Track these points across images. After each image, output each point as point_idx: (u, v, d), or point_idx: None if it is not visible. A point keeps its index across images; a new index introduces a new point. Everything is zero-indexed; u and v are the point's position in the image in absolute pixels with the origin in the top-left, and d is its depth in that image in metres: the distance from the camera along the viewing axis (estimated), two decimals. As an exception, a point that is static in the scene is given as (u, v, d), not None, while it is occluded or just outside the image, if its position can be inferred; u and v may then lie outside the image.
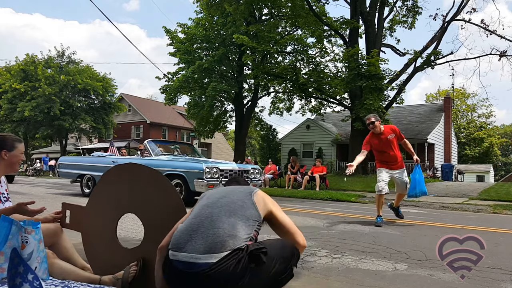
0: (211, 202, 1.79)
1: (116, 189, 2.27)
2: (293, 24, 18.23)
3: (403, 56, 16.60)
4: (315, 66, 16.69)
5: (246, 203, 1.76)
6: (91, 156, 10.39)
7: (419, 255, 3.53)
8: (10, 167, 2.21)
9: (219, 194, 1.85)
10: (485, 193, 10.66)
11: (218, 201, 1.78)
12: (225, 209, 1.71)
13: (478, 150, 42.20)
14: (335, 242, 4.13)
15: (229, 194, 1.84)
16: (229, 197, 1.81)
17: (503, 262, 3.33)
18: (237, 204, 1.75)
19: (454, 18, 14.82)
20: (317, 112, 19.27)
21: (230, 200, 1.78)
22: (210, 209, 1.73)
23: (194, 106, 21.12)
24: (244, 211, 1.72)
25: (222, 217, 1.66)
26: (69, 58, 29.87)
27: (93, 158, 10.04)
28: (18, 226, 1.77)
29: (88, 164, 9.52)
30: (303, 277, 2.82)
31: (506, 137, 49.30)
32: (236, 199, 1.79)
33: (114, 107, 30.59)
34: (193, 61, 19.35)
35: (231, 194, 1.84)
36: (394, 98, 15.46)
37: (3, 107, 27.04)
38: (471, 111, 44.69)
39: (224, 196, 1.83)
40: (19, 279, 1.62)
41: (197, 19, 20.58)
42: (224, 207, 1.73)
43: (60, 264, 2.07)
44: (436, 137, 22.39)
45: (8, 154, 2.16)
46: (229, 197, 1.81)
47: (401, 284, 2.70)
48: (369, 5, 15.79)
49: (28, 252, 1.75)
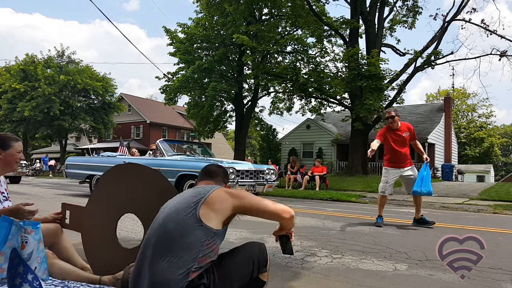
0: (149, 237, 1.62)
1: (116, 189, 2.27)
2: (293, 24, 18.22)
3: (403, 56, 16.60)
4: (315, 66, 16.68)
5: (186, 229, 1.53)
6: (100, 156, 10.12)
7: (419, 255, 3.53)
8: (7, 166, 2.17)
9: (160, 220, 1.63)
10: (485, 193, 10.66)
11: (155, 235, 1.58)
12: (159, 250, 1.53)
13: (478, 150, 42.20)
14: (335, 242, 4.13)
15: (171, 215, 1.60)
16: (167, 224, 1.57)
17: (503, 262, 3.33)
18: (174, 235, 1.53)
19: (454, 18, 14.81)
20: (317, 112, 19.28)
21: (167, 230, 1.56)
22: (146, 250, 1.58)
23: (194, 106, 21.11)
24: (183, 241, 1.51)
25: (155, 263, 1.52)
26: (69, 58, 29.88)
27: (103, 158, 9.78)
28: (18, 226, 1.77)
29: (98, 164, 9.22)
30: (303, 277, 2.82)
31: (506, 137, 49.31)
32: (174, 227, 1.55)
33: (114, 107, 30.60)
34: (193, 61, 19.35)
35: (173, 216, 1.59)
36: (394, 98, 15.45)
37: (3, 107, 27.05)
38: (471, 111, 44.68)
39: (161, 224, 1.60)
40: (19, 279, 1.62)
41: (197, 19, 20.57)
42: (158, 247, 1.54)
43: (60, 264, 2.07)
44: (436, 137, 22.39)
45: (3, 153, 2.13)
46: (167, 223, 1.57)
47: (401, 284, 2.70)
48: (369, 5, 15.79)
49: (28, 252, 1.75)
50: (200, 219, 1.54)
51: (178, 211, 1.58)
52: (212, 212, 1.57)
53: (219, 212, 1.59)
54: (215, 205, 1.58)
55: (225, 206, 1.61)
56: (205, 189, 1.67)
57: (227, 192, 1.66)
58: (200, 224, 1.53)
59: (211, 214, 1.57)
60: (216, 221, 1.58)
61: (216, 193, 1.63)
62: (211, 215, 1.57)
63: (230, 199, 1.63)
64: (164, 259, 1.49)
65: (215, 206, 1.58)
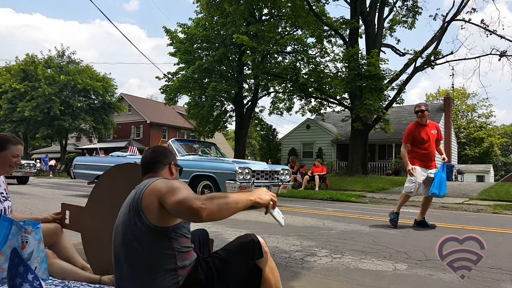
0: (116, 256, 1.55)
1: (116, 188, 2.27)
2: (293, 24, 18.23)
3: (403, 56, 16.60)
4: (315, 66, 16.68)
5: (146, 237, 1.43)
6: (109, 156, 9.92)
7: (419, 255, 3.53)
8: (1, 167, 2.10)
9: (118, 238, 1.53)
10: (485, 193, 10.67)
11: (120, 253, 1.51)
12: (132, 265, 1.46)
13: (478, 150, 42.21)
14: (335, 242, 4.13)
15: (126, 232, 1.48)
16: (126, 242, 1.47)
17: (503, 262, 3.33)
18: (141, 253, 1.44)
19: (454, 18, 14.81)
20: (317, 112, 19.28)
21: (130, 251, 1.47)
22: (121, 268, 1.52)
23: (194, 106, 21.12)
24: (146, 249, 1.43)
25: (136, 278, 1.46)
26: (69, 58, 29.89)
27: (112, 158, 9.49)
28: (18, 226, 1.78)
29: (108, 164, 8.84)
30: (303, 277, 2.82)
31: (506, 137, 49.30)
32: (129, 239, 1.45)
33: (114, 107, 30.61)
34: (193, 61, 19.35)
35: (127, 232, 1.48)
36: (394, 98, 15.45)
37: (3, 107, 27.05)
38: (471, 111, 44.70)
39: (120, 241, 1.51)
40: (19, 279, 1.62)
41: (197, 19, 20.58)
42: (129, 263, 1.47)
43: (60, 264, 2.07)
44: (436, 137, 22.37)
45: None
46: (126, 240, 1.47)
47: (401, 284, 2.70)
48: (369, 5, 15.79)
49: (28, 252, 1.75)
50: (149, 223, 1.43)
51: (128, 224, 1.47)
52: (152, 213, 1.43)
53: (154, 210, 1.43)
54: (149, 205, 1.44)
55: (153, 203, 1.43)
56: (137, 192, 1.51)
57: (152, 187, 1.47)
58: (153, 228, 1.42)
59: (153, 214, 1.43)
60: (162, 218, 1.44)
61: (145, 194, 1.46)
62: (154, 215, 1.43)
63: (154, 194, 1.45)
64: (143, 274, 1.43)
65: (150, 206, 1.43)
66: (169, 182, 1.48)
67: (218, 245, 2.16)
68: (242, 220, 5.71)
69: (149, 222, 1.43)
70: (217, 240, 3.90)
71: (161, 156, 1.74)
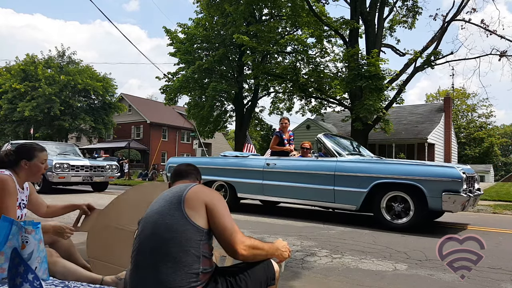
0: (141, 248, 1.53)
1: (133, 207, 2.34)
2: (293, 24, 18.22)
3: (403, 56, 16.59)
4: (315, 66, 16.67)
5: (177, 230, 1.47)
6: (220, 156, 7.82)
7: (419, 255, 3.53)
8: (32, 176, 2.17)
9: (149, 228, 1.54)
10: (485, 193, 10.67)
11: (148, 244, 1.51)
12: (157, 257, 1.46)
13: (478, 150, 42.22)
14: (335, 242, 4.13)
15: (158, 221, 1.52)
16: (157, 230, 1.50)
17: (503, 262, 3.33)
18: (167, 238, 1.47)
19: (454, 18, 14.80)
20: (317, 112, 19.26)
21: (160, 236, 1.48)
22: (143, 259, 1.51)
23: (194, 106, 21.12)
24: (178, 243, 1.45)
25: (158, 270, 1.45)
26: (69, 58, 29.89)
27: (228, 159, 7.33)
28: (18, 226, 1.78)
29: (223, 167, 7.09)
30: (303, 277, 2.82)
31: (506, 137, 49.32)
32: (165, 231, 1.48)
33: (114, 107, 30.61)
34: (193, 61, 19.36)
35: (160, 221, 1.51)
36: (394, 98, 15.45)
37: (3, 107, 27.04)
38: (471, 111, 44.69)
39: (152, 232, 1.52)
40: (19, 279, 1.62)
41: (197, 19, 20.59)
42: (155, 255, 1.47)
43: (63, 263, 2.08)
44: (436, 137, 22.40)
45: (28, 164, 2.13)
46: (158, 229, 1.50)
47: (401, 284, 2.70)
48: (369, 5, 15.79)
49: (28, 252, 1.75)
50: (188, 217, 1.49)
51: (164, 215, 1.51)
52: (193, 210, 1.51)
53: (197, 209, 1.52)
54: (193, 202, 1.53)
55: (199, 202, 1.53)
56: (181, 188, 1.60)
57: (201, 189, 1.59)
58: (189, 223, 1.48)
59: (194, 212, 1.51)
60: (200, 219, 1.51)
61: (192, 190, 1.57)
62: (195, 213, 1.51)
63: (202, 195, 1.56)
64: (166, 264, 1.44)
65: (194, 203, 1.52)
66: (216, 193, 1.61)
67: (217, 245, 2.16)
68: (242, 220, 5.71)
69: (188, 217, 1.48)
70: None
71: (196, 170, 1.89)
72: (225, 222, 1.51)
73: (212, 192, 1.59)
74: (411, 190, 4.97)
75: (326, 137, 6.16)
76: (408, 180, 4.94)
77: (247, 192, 6.62)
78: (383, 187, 5.16)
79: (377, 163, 5.50)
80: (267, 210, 7.21)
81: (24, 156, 2.13)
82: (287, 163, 6.26)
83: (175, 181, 1.81)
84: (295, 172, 6.05)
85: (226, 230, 1.50)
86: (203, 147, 20.59)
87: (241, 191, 6.64)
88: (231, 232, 1.50)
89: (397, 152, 21.77)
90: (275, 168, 6.24)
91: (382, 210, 5.15)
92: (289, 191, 6.06)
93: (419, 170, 5.01)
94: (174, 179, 1.84)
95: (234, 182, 6.72)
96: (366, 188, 5.23)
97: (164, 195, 1.63)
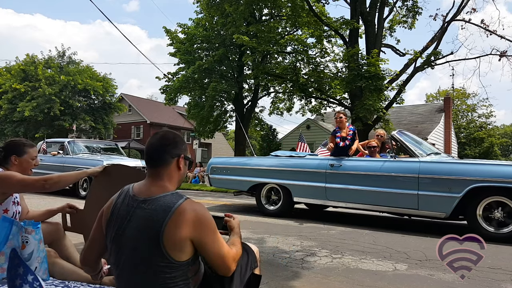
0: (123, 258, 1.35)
1: (109, 191, 2.30)
2: (293, 24, 18.22)
3: (403, 56, 16.59)
4: (315, 66, 16.67)
5: (164, 268, 1.29)
6: (272, 156, 7.14)
7: (419, 255, 3.53)
8: (21, 172, 2.16)
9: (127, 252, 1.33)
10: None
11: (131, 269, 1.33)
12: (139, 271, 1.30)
13: (478, 150, 42.20)
14: (335, 242, 4.13)
15: (136, 253, 1.32)
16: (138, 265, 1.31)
17: (503, 262, 3.33)
18: (156, 278, 1.29)
19: (454, 18, 14.80)
20: (317, 112, 19.26)
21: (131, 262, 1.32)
22: (126, 273, 1.35)
23: (194, 106, 21.13)
24: (172, 279, 1.29)
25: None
26: (69, 59, 29.91)
27: (282, 159, 6.61)
28: (18, 226, 1.78)
29: (276, 168, 6.45)
30: (303, 277, 2.82)
31: (506, 137, 49.34)
32: (148, 272, 1.29)
33: (114, 107, 30.61)
34: (193, 61, 19.37)
35: (137, 257, 1.31)
36: (394, 98, 15.45)
37: (3, 107, 27.04)
38: (471, 111, 44.69)
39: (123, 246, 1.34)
40: (19, 280, 1.62)
41: (197, 19, 20.60)
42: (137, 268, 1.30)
43: (62, 263, 2.08)
44: (436, 137, 22.41)
45: (18, 160, 2.14)
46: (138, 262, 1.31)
47: (401, 284, 2.70)
48: (369, 5, 15.78)
49: (28, 252, 1.75)
50: (172, 259, 1.29)
51: (140, 249, 1.30)
52: (176, 251, 1.29)
53: (182, 247, 1.29)
54: (175, 241, 1.28)
55: (182, 240, 1.29)
56: (153, 222, 1.29)
57: (181, 220, 1.29)
58: (172, 262, 1.29)
59: (178, 252, 1.29)
60: (185, 255, 1.31)
61: (170, 225, 1.28)
62: (179, 253, 1.30)
63: (185, 231, 1.28)
64: None
65: (176, 243, 1.28)
66: (202, 218, 1.33)
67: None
68: (242, 220, 5.71)
69: (170, 257, 1.28)
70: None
71: (170, 145, 1.46)
72: (216, 250, 1.35)
73: (197, 219, 1.32)
74: None
75: (402, 135, 5.51)
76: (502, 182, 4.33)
77: (305, 196, 5.99)
78: (481, 191, 4.52)
79: (472, 164, 4.88)
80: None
81: (14, 152, 2.14)
82: (356, 164, 5.69)
83: (149, 169, 1.47)
84: (367, 175, 5.33)
85: (219, 259, 1.37)
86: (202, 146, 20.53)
87: (298, 195, 6.01)
88: (223, 260, 1.37)
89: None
90: (341, 170, 5.60)
91: (479, 218, 4.48)
92: (358, 196, 5.38)
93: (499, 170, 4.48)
94: (146, 162, 1.49)
95: (290, 185, 6.07)
96: (459, 193, 4.58)
97: (135, 214, 1.35)
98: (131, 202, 1.39)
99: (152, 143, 1.48)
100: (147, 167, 1.48)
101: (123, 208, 1.39)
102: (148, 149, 1.48)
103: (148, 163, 1.47)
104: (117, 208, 1.41)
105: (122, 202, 1.42)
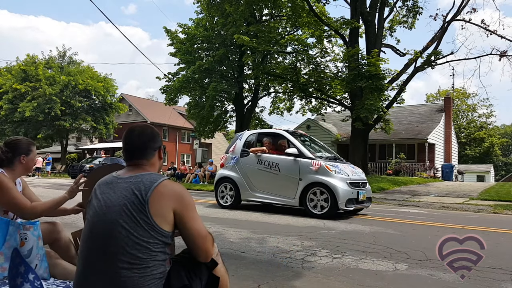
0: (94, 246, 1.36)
1: None
2: (294, 24, 18.22)
3: (403, 56, 16.59)
4: (316, 66, 16.67)
5: (144, 237, 1.31)
6: None
7: (419, 255, 3.53)
8: (26, 170, 2.27)
9: (103, 231, 1.35)
10: (485, 193, 10.66)
11: (101, 255, 1.33)
12: (117, 272, 1.29)
13: (478, 150, 42.22)
14: (336, 242, 4.13)
15: (116, 224, 1.32)
16: (117, 235, 1.32)
17: (503, 262, 3.33)
18: (133, 250, 1.30)
19: (454, 18, 14.80)
20: (318, 112, 19.26)
21: (119, 246, 1.31)
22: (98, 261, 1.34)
23: (195, 106, 21.13)
24: (150, 252, 1.31)
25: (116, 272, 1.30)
26: (70, 59, 29.93)
27: None
28: (15, 226, 1.79)
29: None
30: (303, 277, 2.82)
31: (506, 137, 49.32)
32: (128, 242, 1.30)
33: (115, 108, 30.63)
34: (194, 62, 19.36)
35: (118, 225, 1.32)
36: (395, 98, 15.45)
37: (4, 107, 27.06)
38: (471, 111, 44.69)
39: (110, 236, 1.33)
40: (20, 279, 1.63)
41: (197, 19, 20.60)
42: (114, 271, 1.29)
43: (63, 264, 2.08)
44: (436, 137, 22.40)
45: (26, 159, 2.21)
46: (117, 233, 1.32)
47: (401, 284, 2.70)
48: (369, 5, 15.79)
49: (28, 248, 1.76)
50: (155, 224, 1.33)
51: (122, 215, 1.33)
52: (160, 217, 1.34)
53: (164, 215, 1.35)
54: (161, 207, 1.35)
55: (167, 207, 1.36)
56: (140, 185, 1.37)
57: (167, 190, 1.38)
58: (154, 229, 1.33)
59: (161, 218, 1.34)
60: (167, 225, 1.35)
61: (157, 191, 1.36)
62: (162, 219, 1.34)
63: (170, 199, 1.37)
64: (131, 270, 1.30)
65: (161, 208, 1.34)
66: (185, 193, 1.42)
67: (219, 245, 2.17)
68: (243, 220, 5.71)
69: (156, 224, 1.33)
70: (218, 240, 3.90)
71: (151, 141, 1.56)
72: (197, 227, 1.40)
73: (180, 193, 1.40)
74: None
75: None
76: None
77: None
78: None
79: None
80: (267, 209, 7.20)
81: (23, 151, 2.20)
82: None
83: (130, 160, 1.53)
84: None
85: (199, 237, 1.39)
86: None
87: None
88: (204, 240, 1.40)
89: (397, 152, 21.76)
90: None
91: None
92: None
93: None
94: (128, 157, 1.53)
95: None
96: None
97: (118, 186, 1.41)
98: (115, 179, 1.46)
99: (133, 140, 1.54)
100: (127, 162, 1.54)
101: (106, 185, 1.46)
102: (129, 147, 1.53)
103: (130, 160, 1.53)
104: (100, 186, 1.48)
105: (105, 180, 1.49)
